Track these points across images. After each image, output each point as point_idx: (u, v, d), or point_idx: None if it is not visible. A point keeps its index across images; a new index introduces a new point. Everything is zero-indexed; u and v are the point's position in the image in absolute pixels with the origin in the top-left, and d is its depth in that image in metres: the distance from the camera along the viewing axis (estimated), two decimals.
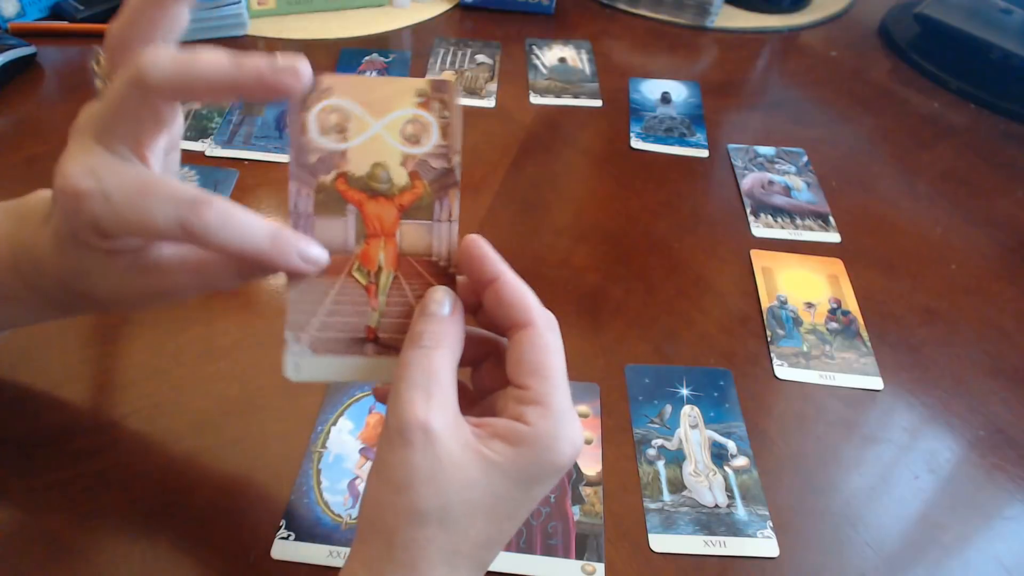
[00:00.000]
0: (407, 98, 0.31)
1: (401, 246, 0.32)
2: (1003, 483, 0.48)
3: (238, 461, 0.44)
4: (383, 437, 0.29)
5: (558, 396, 0.30)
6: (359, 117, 0.31)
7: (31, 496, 0.42)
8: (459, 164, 0.32)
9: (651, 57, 0.89)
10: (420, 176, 0.32)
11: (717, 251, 0.62)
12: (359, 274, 0.32)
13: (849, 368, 0.53)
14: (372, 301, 0.32)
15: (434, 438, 0.27)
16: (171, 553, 0.40)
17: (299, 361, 0.32)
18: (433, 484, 0.27)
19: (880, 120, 0.81)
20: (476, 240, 0.31)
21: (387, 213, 0.32)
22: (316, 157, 0.31)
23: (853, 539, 0.44)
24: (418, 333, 0.30)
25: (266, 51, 0.83)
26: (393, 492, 0.28)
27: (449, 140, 0.31)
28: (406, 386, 0.29)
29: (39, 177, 0.66)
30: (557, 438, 0.29)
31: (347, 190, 0.31)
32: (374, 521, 0.29)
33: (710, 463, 0.47)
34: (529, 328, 0.30)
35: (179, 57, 0.28)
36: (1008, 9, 0.87)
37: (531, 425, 0.29)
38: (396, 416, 0.28)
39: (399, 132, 0.31)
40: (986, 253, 0.65)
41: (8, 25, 0.79)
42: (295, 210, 0.31)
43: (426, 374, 0.29)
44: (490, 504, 0.29)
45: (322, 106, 0.31)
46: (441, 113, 0.31)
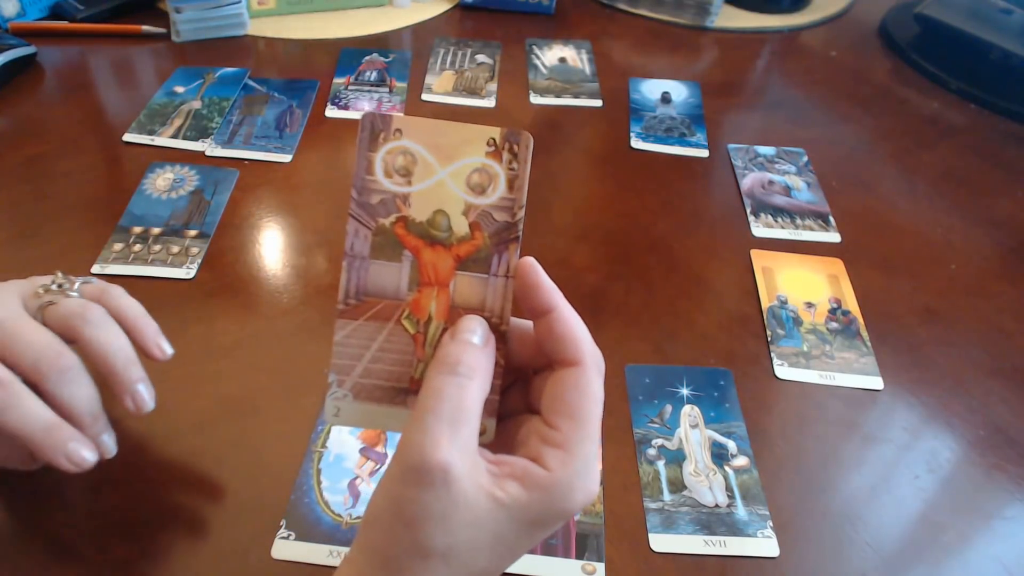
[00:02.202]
0: (477, 146, 0.30)
1: (454, 298, 0.31)
2: (1003, 483, 0.48)
3: (238, 461, 0.44)
4: (398, 464, 0.28)
5: (586, 445, 0.29)
6: (426, 161, 0.30)
7: (31, 496, 0.42)
8: (522, 219, 0.31)
9: (651, 57, 0.89)
10: (481, 228, 0.31)
11: (717, 251, 0.62)
12: (408, 322, 0.31)
13: (849, 368, 0.53)
14: (419, 351, 0.31)
15: (452, 480, 0.27)
16: (171, 553, 0.40)
17: (340, 406, 0.31)
18: (443, 525, 0.27)
19: (880, 120, 0.81)
20: (532, 266, 0.30)
21: (443, 262, 0.31)
22: (378, 199, 0.30)
23: (853, 539, 0.44)
24: (452, 359, 0.29)
25: (266, 51, 0.83)
26: (401, 525, 0.27)
27: (515, 194, 0.30)
28: (434, 418, 0.28)
29: (39, 177, 0.67)
30: (573, 488, 0.28)
31: (406, 235, 0.31)
32: (376, 543, 0.28)
33: (710, 463, 0.47)
34: (576, 368, 0.30)
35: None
36: (1008, 9, 0.87)
37: (550, 472, 0.28)
38: (417, 451, 0.27)
39: (465, 180, 0.30)
40: (986, 253, 0.65)
41: (8, 25, 0.79)
42: (351, 251, 0.31)
43: (455, 408, 0.28)
44: (493, 542, 0.28)
45: (390, 147, 0.30)
46: (510, 164, 0.30)
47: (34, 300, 0.38)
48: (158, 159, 0.66)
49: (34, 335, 0.36)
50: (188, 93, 0.74)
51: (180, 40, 0.81)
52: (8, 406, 0.34)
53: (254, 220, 0.61)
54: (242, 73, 0.77)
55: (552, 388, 0.30)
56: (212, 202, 0.62)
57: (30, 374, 0.36)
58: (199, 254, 0.57)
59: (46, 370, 0.36)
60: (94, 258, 0.55)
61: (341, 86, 0.77)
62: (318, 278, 0.56)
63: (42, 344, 0.36)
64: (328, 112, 0.73)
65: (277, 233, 0.60)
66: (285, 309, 0.54)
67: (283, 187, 0.65)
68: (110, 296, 0.40)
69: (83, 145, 0.67)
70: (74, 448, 0.36)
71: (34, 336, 0.36)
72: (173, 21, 0.80)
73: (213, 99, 0.73)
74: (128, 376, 0.38)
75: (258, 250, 0.58)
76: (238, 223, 0.60)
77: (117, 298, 0.40)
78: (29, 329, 0.36)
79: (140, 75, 0.77)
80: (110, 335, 0.38)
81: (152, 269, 0.55)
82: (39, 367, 0.35)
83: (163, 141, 0.68)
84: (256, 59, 0.81)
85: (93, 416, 0.37)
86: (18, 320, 0.37)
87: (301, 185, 0.65)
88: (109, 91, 0.75)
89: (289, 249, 0.59)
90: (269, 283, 0.56)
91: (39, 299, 0.38)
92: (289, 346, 0.51)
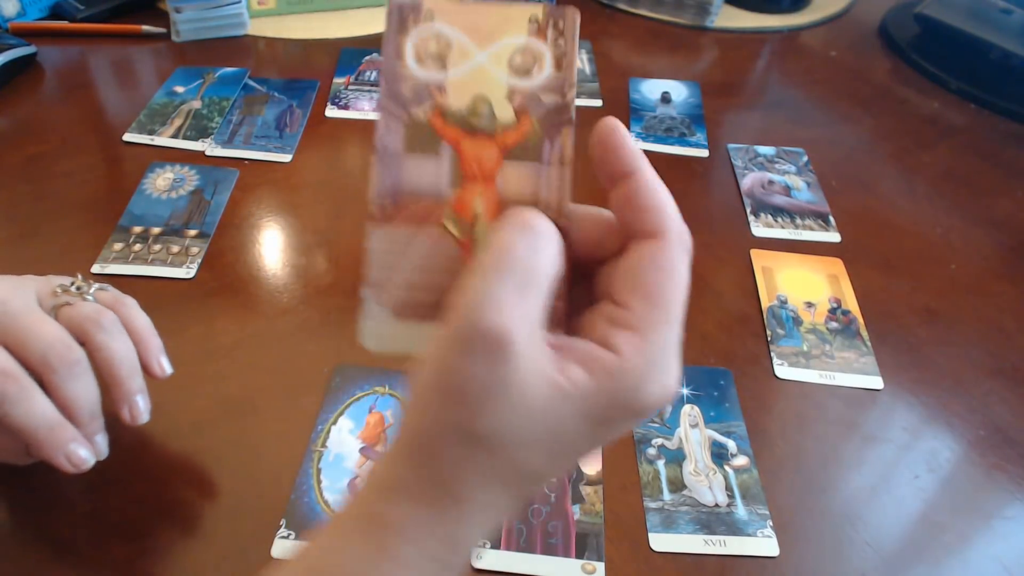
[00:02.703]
0: (519, 25, 0.27)
1: (503, 192, 0.27)
2: (1003, 483, 0.48)
3: (238, 461, 0.44)
4: (448, 326, 0.23)
5: (664, 329, 0.24)
6: (462, 44, 0.27)
7: (31, 496, 0.42)
8: (574, 99, 0.28)
9: (651, 57, 0.89)
10: (528, 112, 0.27)
11: (717, 251, 0.62)
12: (451, 224, 0.27)
13: (849, 368, 0.53)
14: (467, 257, 0.27)
15: (511, 353, 0.22)
16: (171, 553, 0.40)
17: (379, 328, 0.27)
18: (492, 405, 0.23)
19: (880, 120, 0.81)
20: (614, 124, 0.27)
21: (488, 154, 0.27)
22: (409, 87, 0.27)
23: (853, 539, 0.44)
24: (523, 218, 0.25)
25: (266, 51, 0.83)
26: (442, 398, 0.23)
27: (564, 71, 0.27)
28: (497, 276, 0.23)
29: (39, 177, 0.67)
30: (647, 379, 0.24)
31: (443, 126, 0.27)
32: (413, 422, 0.24)
33: (710, 462, 0.47)
34: (658, 240, 0.25)
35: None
36: (1008, 9, 0.87)
37: (620, 356, 0.24)
38: (475, 311, 0.23)
39: (507, 62, 0.27)
40: (986, 253, 0.65)
41: (8, 25, 0.79)
42: (381, 147, 0.27)
43: (526, 269, 0.23)
44: (549, 438, 0.24)
45: (422, 31, 0.27)
46: (556, 41, 0.27)
47: (50, 299, 0.39)
48: (158, 159, 0.66)
49: (45, 327, 0.37)
50: (188, 93, 0.74)
51: (180, 40, 0.81)
52: (16, 400, 0.35)
53: (254, 220, 0.61)
54: (242, 73, 0.77)
55: (627, 265, 0.25)
56: (212, 202, 0.62)
57: (38, 366, 0.36)
58: (199, 254, 0.57)
59: (55, 362, 0.36)
60: (94, 258, 0.55)
61: (341, 86, 0.77)
62: (318, 278, 0.56)
63: (52, 337, 0.37)
64: (328, 112, 0.73)
65: (277, 233, 0.60)
66: (285, 309, 0.54)
67: (283, 187, 0.65)
68: (124, 306, 0.41)
69: (83, 145, 0.67)
70: (74, 449, 0.36)
71: (45, 328, 0.37)
72: (173, 21, 0.80)
73: (213, 99, 0.73)
74: (130, 386, 0.39)
75: (258, 250, 0.58)
76: (238, 223, 0.60)
77: (130, 309, 0.41)
78: (41, 322, 0.37)
79: (140, 75, 0.77)
80: (120, 344, 0.39)
81: (152, 269, 0.55)
82: (48, 359, 0.36)
83: (163, 141, 0.68)
84: (256, 59, 0.81)
85: (92, 415, 0.38)
86: (31, 313, 0.37)
87: (301, 185, 0.65)
88: (109, 91, 0.75)
89: (289, 249, 0.59)
90: (269, 283, 0.56)
91: (56, 298, 0.39)
92: (289, 346, 0.51)
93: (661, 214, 0.25)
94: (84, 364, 0.37)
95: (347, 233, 0.61)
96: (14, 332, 0.36)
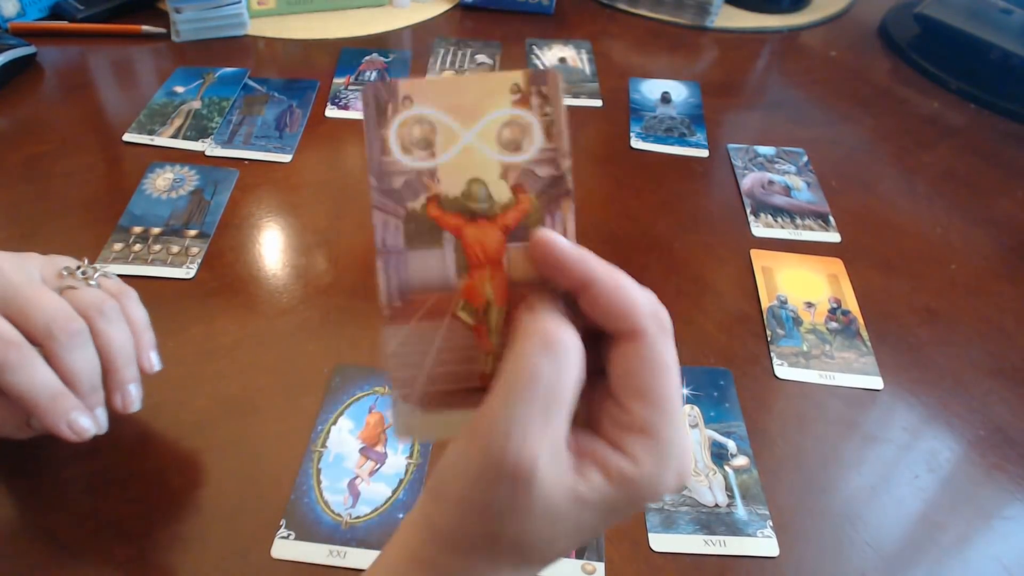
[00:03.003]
0: (501, 97, 0.26)
1: (510, 275, 0.27)
2: (1003, 483, 0.48)
3: (238, 461, 0.44)
4: (477, 445, 0.25)
5: (668, 426, 0.25)
6: (447, 127, 0.26)
7: (31, 496, 0.42)
8: (570, 168, 0.27)
9: (651, 57, 0.89)
10: (525, 189, 0.27)
11: (717, 251, 0.62)
12: (465, 313, 0.27)
13: (849, 368, 0.53)
14: (483, 343, 0.27)
15: (537, 480, 0.24)
16: (171, 553, 0.40)
17: (410, 422, 0.27)
18: (518, 520, 0.25)
19: (880, 120, 0.81)
20: (548, 240, 0.26)
21: (490, 237, 0.27)
22: (401, 181, 0.27)
23: (853, 539, 0.44)
24: (547, 334, 0.25)
25: (266, 51, 0.83)
26: (473, 512, 0.25)
27: (556, 141, 0.27)
28: (524, 406, 0.24)
29: (39, 177, 0.67)
30: (663, 477, 0.25)
31: (441, 215, 0.27)
32: (443, 523, 0.26)
33: (710, 463, 0.47)
34: (637, 340, 0.26)
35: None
36: (1008, 9, 0.87)
37: (636, 463, 0.25)
38: (502, 442, 0.24)
39: (495, 139, 0.27)
40: (986, 253, 0.65)
41: (8, 25, 0.79)
42: (383, 247, 0.27)
43: (551, 391, 0.24)
44: (572, 532, 0.26)
45: (402, 119, 0.26)
46: (543, 110, 0.27)
47: (55, 280, 0.39)
48: (158, 159, 0.66)
49: (47, 298, 0.37)
50: (188, 93, 0.74)
51: (180, 40, 0.81)
52: (19, 366, 0.35)
53: (254, 220, 0.61)
54: (242, 73, 0.77)
55: (617, 367, 0.26)
56: (212, 202, 0.62)
57: (41, 335, 0.36)
58: (199, 254, 0.57)
59: (57, 332, 0.36)
60: (94, 258, 0.55)
61: (341, 86, 0.77)
62: (318, 278, 0.56)
63: (55, 307, 0.37)
64: (328, 112, 0.73)
65: (277, 233, 0.60)
66: (285, 309, 0.54)
67: (283, 187, 0.65)
68: (125, 297, 0.41)
69: (83, 145, 0.67)
70: (76, 417, 0.37)
71: (47, 299, 0.37)
72: (173, 21, 0.80)
73: (213, 99, 0.73)
74: (125, 374, 0.39)
75: (258, 250, 0.58)
76: (238, 223, 0.60)
77: (130, 300, 0.42)
78: (43, 293, 0.38)
79: (140, 75, 0.77)
80: (118, 332, 0.39)
81: (152, 269, 0.55)
82: (51, 328, 0.36)
83: (163, 141, 0.68)
84: (256, 59, 0.81)
85: (93, 387, 0.38)
86: (33, 286, 0.38)
87: (301, 185, 0.65)
88: (109, 91, 0.75)
89: (289, 249, 0.59)
90: (269, 283, 0.56)
91: (60, 281, 0.39)
92: (289, 346, 0.51)
93: (632, 315, 0.26)
94: (86, 335, 0.37)
95: (347, 233, 0.61)
96: (17, 303, 0.37)
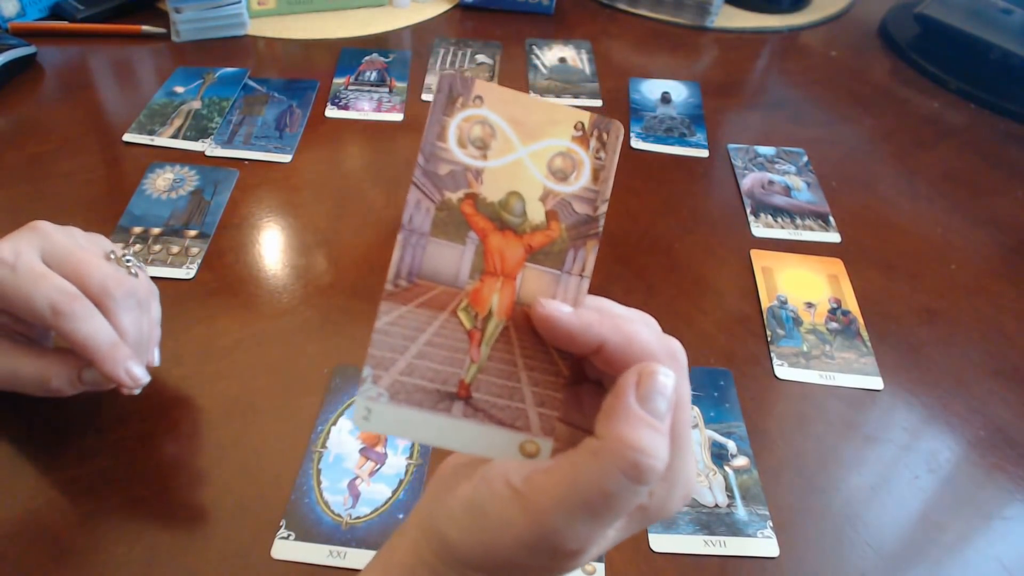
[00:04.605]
0: (564, 128, 0.27)
1: (520, 293, 0.27)
2: (1003, 483, 0.48)
3: (238, 461, 0.44)
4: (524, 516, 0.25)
5: (679, 458, 0.26)
6: (506, 136, 0.27)
7: (31, 496, 0.42)
8: (604, 216, 0.28)
9: (651, 57, 0.89)
10: (558, 218, 0.27)
11: (717, 251, 0.62)
12: (464, 315, 0.27)
13: (849, 368, 0.53)
14: (473, 350, 0.27)
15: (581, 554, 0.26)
16: (171, 553, 0.40)
17: (372, 407, 0.27)
18: (543, 570, 0.26)
19: (880, 120, 0.81)
20: (549, 315, 0.27)
21: (512, 251, 0.27)
22: (447, 170, 0.27)
23: (853, 539, 0.44)
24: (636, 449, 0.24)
25: (266, 51, 0.83)
26: (501, 560, 0.26)
27: (600, 186, 0.28)
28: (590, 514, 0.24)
29: (39, 177, 0.67)
30: (670, 504, 0.27)
31: (473, 214, 0.27)
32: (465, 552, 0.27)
33: (710, 463, 0.47)
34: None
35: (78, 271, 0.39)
36: (1008, 9, 0.87)
37: (651, 496, 0.26)
38: (558, 535, 0.25)
39: (546, 163, 0.27)
40: (986, 253, 0.65)
41: (8, 25, 0.79)
42: (408, 224, 0.27)
43: (620, 512, 0.25)
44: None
45: (467, 114, 0.27)
46: (597, 153, 0.28)
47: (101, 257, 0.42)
48: (158, 159, 0.66)
49: (100, 261, 0.40)
50: (188, 93, 0.74)
51: (180, 40, 0.81)
52: (83, 316, 0.38)
53: (254, 220, 0.61)
54: (242, 73, 0.77)
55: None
56: (212, 202, 0.62)
57: (96, 293, 0.39)
58: (199, 254, 0.57)
59: (113, 289, 0.39)
60: None
61: (341, 86, 0.77)
62: (318, 278, 0.56)
63: (109, 268, 0.40)
64: (328, 112, 0.73)
65: (277, 233, 0.60)
66: (285, 309, 0.54)
67: (283, 187, 0.65)
68: (154, 293, 0.45)
69: (83, 145, 0.67)
70: (132, 365, 0.39)
71: (100, 262, 0.40)
72: (173, 21, 0.80)
73: (213, 99, 0.73)
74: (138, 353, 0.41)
75: (258, 250, 0.58)
76: (238, 223, 0.60)
77: (156, 297, 0.45)
78: (95, 257, 0.40)
79: (140, 75, 0.77)
80: (145, 321, 0.42)
81: (152, 269, 0.55)
82: (107, 286, 0.39)
83: (163, 141, 0.68)
84: (256, 59, 0.81)
85: (139, 345, 0.41)
86: (85, 250, 0.41)
87: (301, 185, 0.65)
88: (109, 91, 0.75)
89: (289, 249, 0.59)
90: (269, 283, 0.56)
91: (106, 259, 0.42)
92: (289, 346, 0.51)
93: (644, 365, 0.26)
94: (137, 297, 0.40)
95: (347, 233, 0.61)
96: (71, 263, 0.39)
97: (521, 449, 0.27)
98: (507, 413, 0.27)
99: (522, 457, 0.27)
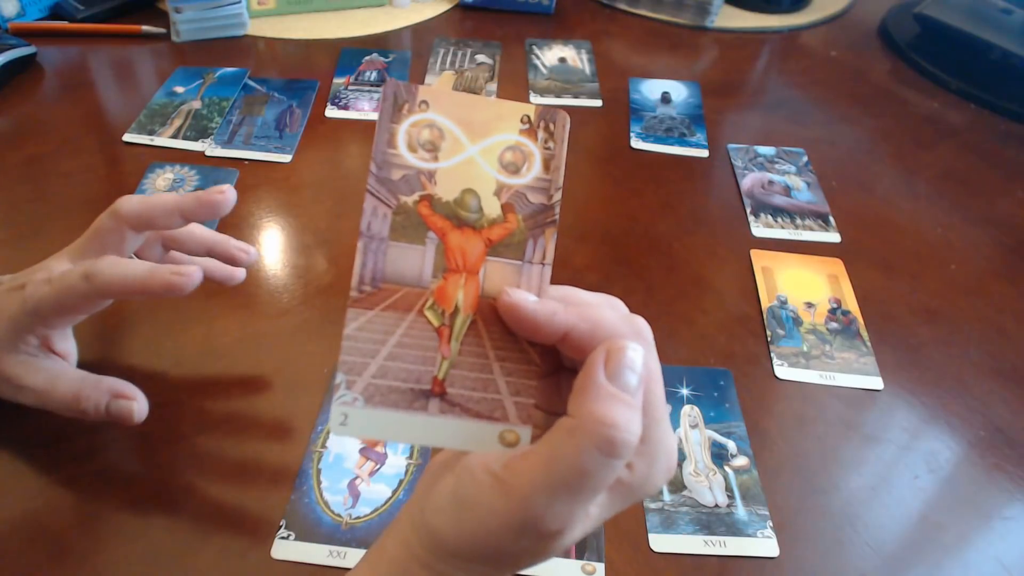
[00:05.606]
0: (510, 123, 0.28)
1: (484, 287, 0.28)
2: (1003, 483, 0.48)
3: (238, 461, 0.44)
4: (507, 503, 0.25)
5: (657, 429, 0.27)
6: (455, 136, 0.28)
7: (31, 496, 0.42)
8: (559, 203, 0.29)
9: (651, 57, 0.89)
10: (514, 209, 0.28)
11: (717, 251, 0.62)
12: (431, 313, 0.28)
13: (849, 368, 0.53)
14: (443, 347, 0.28)
15: (564, 534, 0.26)
16: (171, 553, 0.40)
17: (348, 412, 0.27)
18: (532, 554, 0.27)
19: (880, 120, 0.81)
20: (514, 304, 0.27)
21: (472, 247, 0.28)
22: (400, 174, 0.28)
23: (853, 539, 0.44)
24: (607, 423, 0.25)
25: (266, 51, 0.83)
26: (487, 546, 0.26)
27: (552, 174, 0.29)
28: (567, 490, 0.25)
29: (39, 177, 0.67)
30: (653, 478, 0.27)
31: (430, 215, 0.28)
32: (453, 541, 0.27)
33: (710, 463, 0.47)
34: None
35: (143, 198, 0.41)
36: (1008, 9, 0.87)
37: (632, 470, 0.27)
38: (538, 517, 0.25)
39: (497, 158, 0.28)
40: (986, 253, 0.65)
41: (8, 25, 0.79)
42: (367, 231, 0.28)
43: (597, 488, 0.25)
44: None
45: (415, 119, 0.28)
46: (546, 144, 0.29)
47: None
48: (158, 159, 0.66)
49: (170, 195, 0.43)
50: (188, 93, 0.74)
51: (180, 40, 0.81)
52: (111, 264, 0.38)
53: (254, 220, 0.61)
54: (242, 73, 0.77)
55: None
56: None
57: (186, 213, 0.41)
58: None
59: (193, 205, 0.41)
60: None
61: (341, 86, 0.77)
62: (318, 278, 0.56)
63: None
64: (328, 112, 0.73)
65: (277, 233, 0.60)
66: (285, 309, 0.54)
67: (283, 187, 0.65)
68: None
69: (83, 145, 0.67)
70: (175, 271, 0.38)
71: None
72: (173, 21, 0.80)
73: (213, 99, 0.73)
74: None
75: (258, 250, 0.58)
76: (238, 223, 0.60)
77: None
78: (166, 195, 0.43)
79: (140, 75, 0.77)
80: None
81: None
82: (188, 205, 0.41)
83: (163, 141, 0.68)
84: (256, 59, 0.81)
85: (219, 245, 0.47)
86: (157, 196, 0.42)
87: (301, 185, 0.65)
88: (109, 91, 0.75)
89: (289, 249, 0.59)
90: (269, 283, 0.56)
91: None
92: (289, 346, 0.51)
93: (612, 342, 0.27)
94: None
95: (347, 233, 0.61)
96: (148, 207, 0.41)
97: (501, 439, 0.28)
98: (483, 405, 0.28)
99: (503, 447, 0.28)
